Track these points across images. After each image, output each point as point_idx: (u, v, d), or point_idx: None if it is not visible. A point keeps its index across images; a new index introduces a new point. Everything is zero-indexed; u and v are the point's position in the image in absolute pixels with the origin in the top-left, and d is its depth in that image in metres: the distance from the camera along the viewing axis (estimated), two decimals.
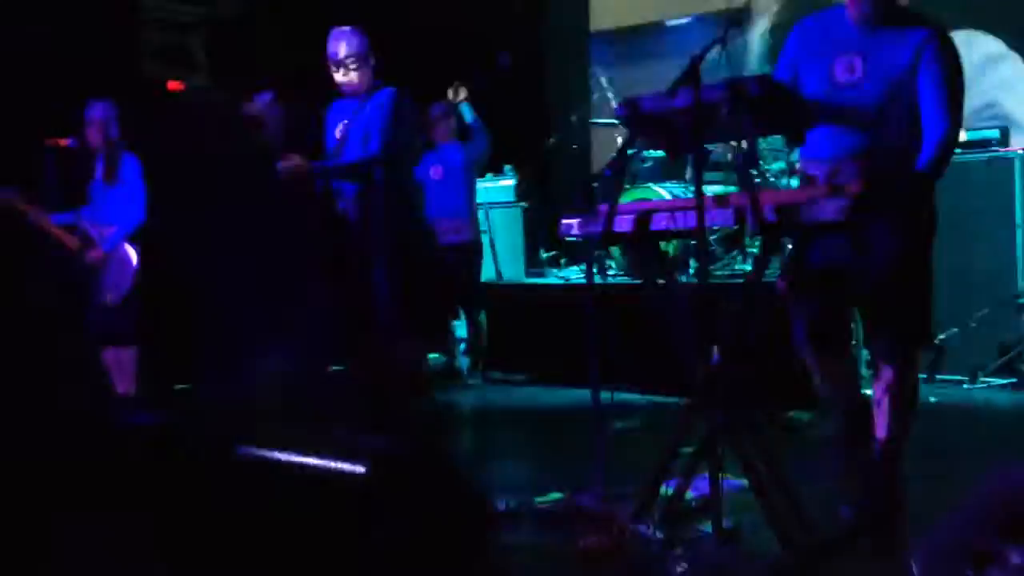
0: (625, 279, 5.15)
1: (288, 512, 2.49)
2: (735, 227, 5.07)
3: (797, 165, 4.80)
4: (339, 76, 3.69)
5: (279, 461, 2.55)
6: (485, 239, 6.34)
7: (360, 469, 2.36)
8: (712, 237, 5.05)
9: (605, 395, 3.11)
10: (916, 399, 2.85)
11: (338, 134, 3.71)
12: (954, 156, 4.77)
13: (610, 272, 5.29)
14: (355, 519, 2.35)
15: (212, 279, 5.94)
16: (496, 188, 6.46)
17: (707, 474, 2.49)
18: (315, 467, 2.46)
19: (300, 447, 2.55)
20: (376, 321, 3.63)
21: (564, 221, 2.85)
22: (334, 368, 5.87)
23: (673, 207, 2.59)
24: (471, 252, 5.39)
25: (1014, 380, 4.47)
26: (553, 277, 5.84)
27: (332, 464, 2.42)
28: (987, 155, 4.56)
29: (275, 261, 6.15)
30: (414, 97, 3.77)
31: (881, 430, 2.82)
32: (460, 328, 6.41)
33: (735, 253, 5.13)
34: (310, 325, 6.02)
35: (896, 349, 2.79)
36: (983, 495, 2.06)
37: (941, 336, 4.53)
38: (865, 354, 4.57)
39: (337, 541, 2.36)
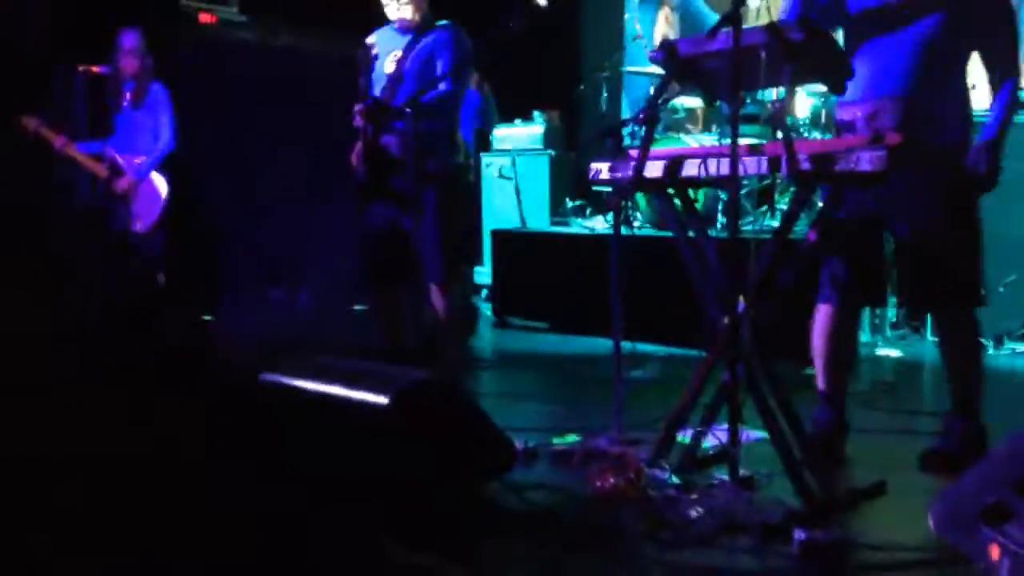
0: (651, 231, 5.12)
1: (310, 438, 2.54)
2: (764, 182, 5.03)
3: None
4: (391, 11, 3.62)
5: (303, 389, 2.60)
6: (511, 185, 6.32)
7: (384, 400, 2.40)
8: (741, 192, 5.01)
9: (626, 344, 3.13)
10: (978, 358, 2.86)
11: (389, 67, 3.60)
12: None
13: (636, 223, 5.26)
14: (378, 448, 2.39)
15: (240, 211, 5.98)
16: (524, 134, 6.41)
17: (726, 423, 2.50)
18: (338, 396, 2.50)
19: (324, 377, 2.60)
20: (418, 260, 3.60)
21: (593, 165, 2.83)
22: (358, 307, 5.93)
23: (706, 154, 2.56)
24: None
25: None
26: (578, 226, 5.82)
27: (356, 394, 2.46)
28: None
29: (306, 196, 6.16)
30: None
31: (956, 390, 2.86)
32: (480, 274, 6.42)
33: (764, 209, 5.09)
34: (338, 261, 6.06)
35: (945, 309, 2.82)
36: (1001, 455, 2.06)
37: None
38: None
39: (360, 468, 2.40)
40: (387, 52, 3.64)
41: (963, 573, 2.08)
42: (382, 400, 2.37)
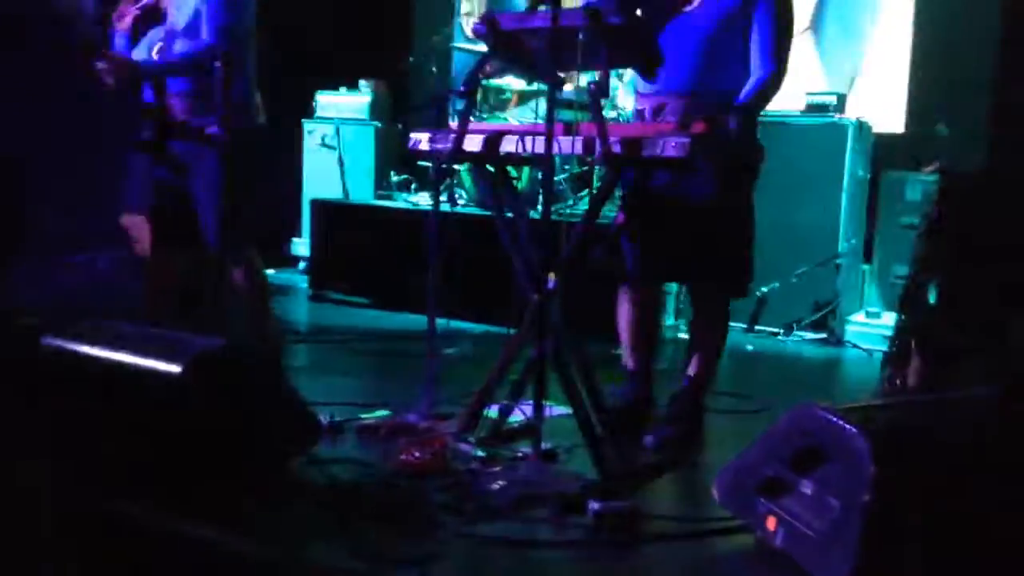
0: (473, 209, 5.14)
1: (96, 405, 2.37)
2: (584, 167, 5.14)
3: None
4: None
5: (89, 356, 2.42)
6: (334, 154, 6.16)
7: (176, 368, 2.27)
8: (561, 176, 5.10)
9: (440, 321, 3.13)
10: (723, 344, 3.03)
11: (170, 18, 3.31)
12: (793, 120, 4.97)
13: (460, 201, 5.26)
14: (169, 417, 2.26)
15: (30, 173, 5.52)
16: (349, 103, 6.26)
17: (531, 399, 2.53)
18: (128, 364, 2.34)
19: (111, 343, 2.43)
20: (208, 227, 3.42)
21: (413, 135, 2.80)
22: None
23: (523, 131, 2.58)
24: None
25: (824, 335, 4.78)
26: (402, 201, 5.76)
27: (147, 361, 2.31)
28: (823, 120, 4.79)
29: (97, 158, 5.75)
30: None
31: (692, 367, 2.98)
32: (297, 246, 6.24)
33: (583, 193, 5.21)
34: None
35: (713, 298, 2.95)
36: (778, 431, 2.20)
37: (763, 289, 4.78)
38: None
39: (150, 437, 2.26)
40: None
41: (743, 542, 2.21)
42: (174, 368, 2.24)
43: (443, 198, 3.14)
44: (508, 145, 2.61)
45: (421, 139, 2.76)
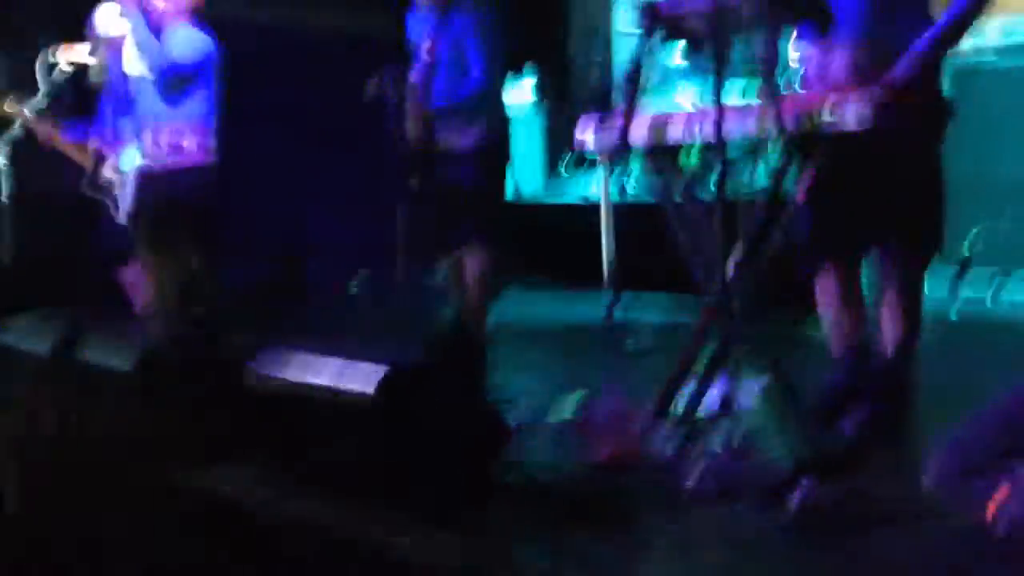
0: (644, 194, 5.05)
1: (297, 428, 2.52)
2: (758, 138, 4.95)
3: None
4: None
5: (289, 380, 2.57)
6: None
7: (369, 389, 2.37)
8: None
9: (618, 314, 3.10)
10: (921, 309, 2.80)
11: (425, 54, 3.55)
12: (992, 62, 4.50)
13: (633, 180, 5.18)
14: (364, 436, 2.37)
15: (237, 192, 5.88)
16: (515, 89, 6.29)
17: (722, 386, 2.48)
18: (324, 387, 2.46)
19: (309, 367, 2.56)
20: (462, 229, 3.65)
21: (578, 136, 2.77)
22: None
23: (689, 116, 2.51)
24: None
25: None
26: (575, 198, 5.71)
27: (341, 384, 2.42)
28: None
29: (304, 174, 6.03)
30: None
31: (891, 344, 2.80)
32: None
33: (761, 164, 5.00)
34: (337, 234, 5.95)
35: (908, 260, 2.73)
36: (997, 411, 2.04)
37: (966, 245, 4.44)
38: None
39: (346, 457, 2.38)
40: (419, 34, 3.62)
41: (960, 529, 2.07)
42: (367, 390, 2.34)
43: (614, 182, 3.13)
44: (675, 132, 2.54)
45: (586, 140, 2.73)
